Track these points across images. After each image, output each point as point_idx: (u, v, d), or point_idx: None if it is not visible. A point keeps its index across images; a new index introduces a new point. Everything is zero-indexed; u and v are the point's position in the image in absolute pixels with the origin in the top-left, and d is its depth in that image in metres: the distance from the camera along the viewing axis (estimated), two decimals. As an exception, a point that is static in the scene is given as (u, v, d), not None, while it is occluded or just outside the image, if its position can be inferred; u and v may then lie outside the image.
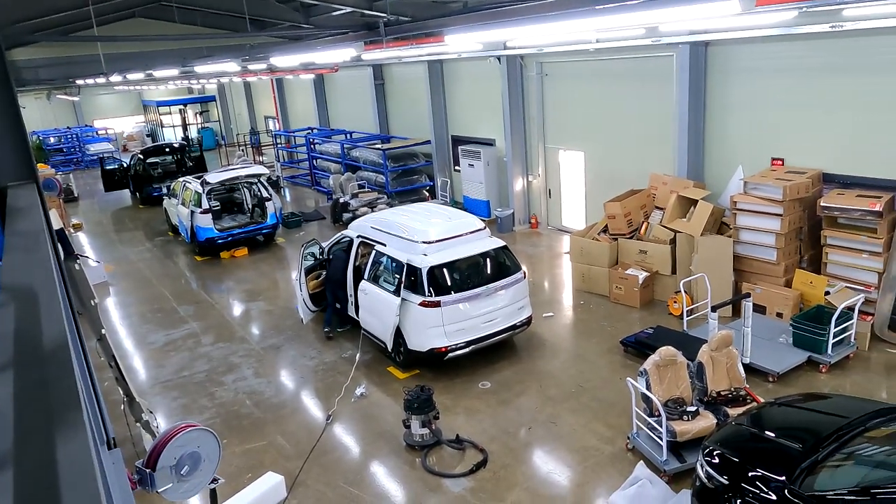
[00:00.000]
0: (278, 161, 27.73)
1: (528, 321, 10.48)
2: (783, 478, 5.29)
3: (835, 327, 9.06)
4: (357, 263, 11.21)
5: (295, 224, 19.71)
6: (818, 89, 10.64)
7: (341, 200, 19.54)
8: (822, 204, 10.19)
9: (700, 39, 11.69)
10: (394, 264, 10.04)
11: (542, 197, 17.39)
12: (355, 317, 11.12)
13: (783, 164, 11.39)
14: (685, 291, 10.71)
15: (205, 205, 16.68)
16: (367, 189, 20.53)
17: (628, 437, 7.85)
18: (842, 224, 10.24)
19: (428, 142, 20.60)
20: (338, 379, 10.20)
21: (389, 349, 10.18)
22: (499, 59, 16.36)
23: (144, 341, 12.27)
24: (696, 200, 11.65)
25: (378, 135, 23.44)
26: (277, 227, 18.16)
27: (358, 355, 10.76)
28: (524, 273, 10.46)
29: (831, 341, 9.11)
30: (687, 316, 10.38)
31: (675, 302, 11.29)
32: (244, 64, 16.64)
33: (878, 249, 9.81)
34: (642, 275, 11.85)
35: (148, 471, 3.44)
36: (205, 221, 16.69)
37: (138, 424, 8.10)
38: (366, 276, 10.63)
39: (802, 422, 6.32)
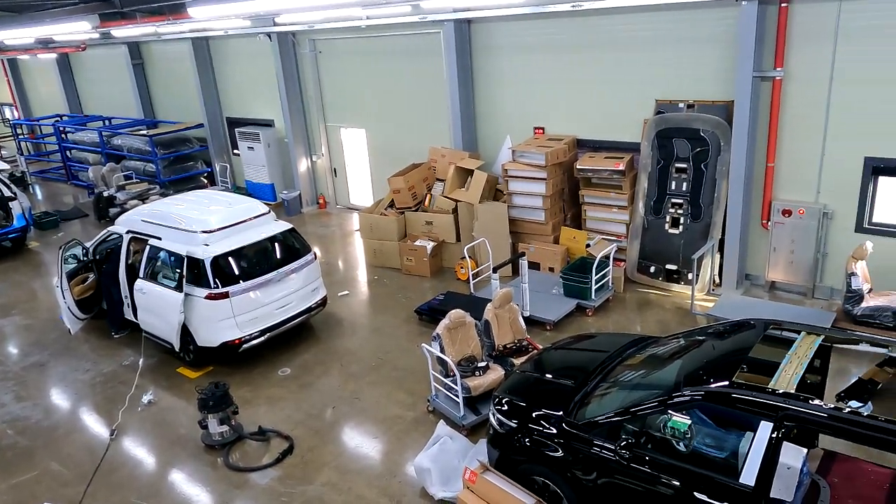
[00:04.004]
0: (21, 154, 24.17)
1: (324, 302, 10.43)
2: (560, 413, 5.93)
3: (596, 275, 10.26)
4: (130, 261, 10.26)
5: (51, 225, 17.42)
6: (568, 64, 11.79)
7: (105, 194, 17.63)
8: (577, 167, 11.40)
9: (462, 17, 12.31)
10: (172, 258, 9.35)
11: (327, 176, 17.26)
12: (134, 319, 10.21)
13: (544, 133, 12.52)
14: (469, 256, 11.40)
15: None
16: (135, 180, 18.74)
17: (428, 400, 8.23)
18: (595, 183, 11.55)
19: (200, 125, 19.30)
20: (120, 389, 9.33)
21: (177, 349, 9.51)
22: (269, 36, 15.76)
23: None
24: (472, 170, 12.37)
25: (142, 120, 21.44)
26: (28, 229, 15.85)
27: (141, 360, 9.91)
28: (315, 254, 10.35)
29: (594, 288, 10.31)
30: (473, 279, 11.06)
31: (461, 267, 11.96)
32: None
33: (625, 204, 11.25)
34: (430, 245, 12.35)
35: None
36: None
37: None
38: (141, 275, 9.77)
39: (574, 361, 7.10)
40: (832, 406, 4.64)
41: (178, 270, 9.16)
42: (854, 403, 4.71)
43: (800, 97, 9.52)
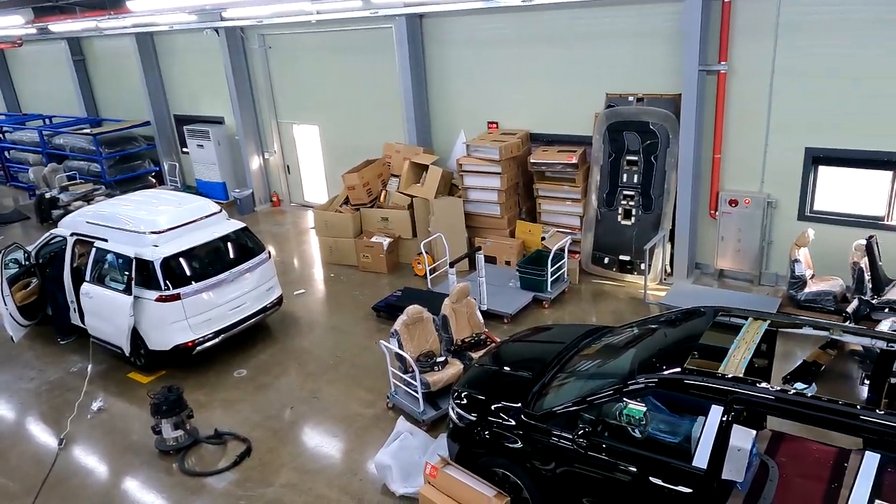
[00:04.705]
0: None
1: (279, 301, 10.29)
2: (519, 404, 5.99)
3: (551, 267, 10.38)
4: (75, 265, 9.93)
5: (-11, 229, 16.72)
6: (520, 58, 11.87)
7: (48, 195, 17.02)
8: (531, 161, 11.51)
9: (414, 11, 12.26)
10: (120, 260, 9.08)
11: (281, 174, 17.01)
12: (81, 324, 9.89)
13: (498, 127, 12.58)
14: (426, 252, 11.39)
15: None
16: (79, 180, 18.12)
17: (387, 397, 8.20)
18: (549, 177, 11.67)
19: (147, 123, 18.78)
20: (68, 397, 9.03)
21: (128, 354, 9.25)
22: (216, 31, 15.41)
23: None
24: (427, 166, 12.35)
25: (85, 118, 20.73)
26: (-36, 234, 15.21)
27: (90, 367, 9.62)
28: (269, 253, 10.19)
29: (550, 280, 10.43)
30: (430, 274, 11.06)
31: (418, 263, 11.95)
32: None
33: (578, 196, 11.40)
34: (386, 241, 12.30)
35: None
36: None
37: None
38: (87, 278, 9.46)
39: (531, 353, 7.17)
40: (779, 388, 4.79)
41: (126, 273, 8.91)
42: (799, 385, 4.88)
43: (743, 90, 9.80)
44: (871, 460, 4.28)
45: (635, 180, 10.78)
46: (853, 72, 8.90)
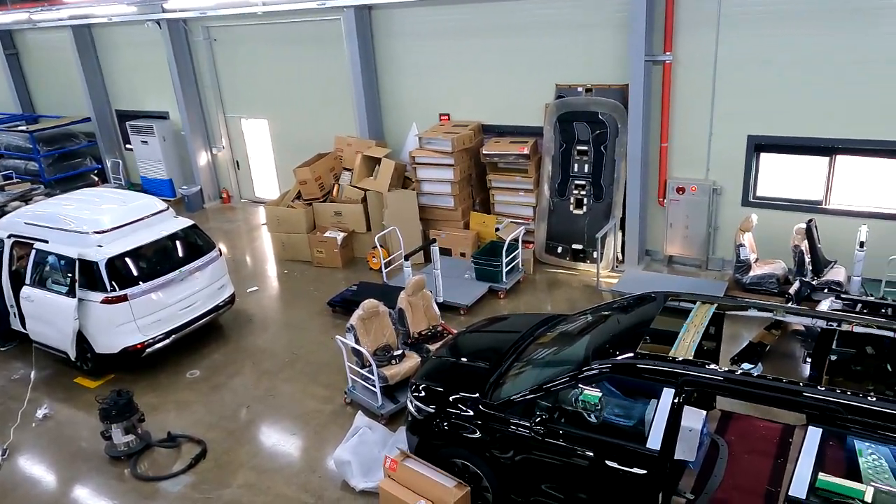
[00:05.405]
0: None
1: (232, 299, 10.10)
2: (476, 395, 6.02)
3: (506, 258, 10.46)
4: (14, 268, 9.53)
5: (-81, 232, 15.87)
6: (471, 49, 11.87)
7: (-18, 196, 16.25)
8: (483, 152, 11.55)
9: (363, 3, 12.12)
10: (62, 262, 8.76)
11: (230, 169, 16.64)
12: (23, 329, 9.51)
13: (450, 119, 12.58)
14: (381, 245, 11.33)
15: None
16: (15, 180, 17.36)
17: (345, 392, 8.15)
18: (501, 168, 11.74)
19: (87, 119, 18.11)
20: (10, 405, 8.69)
21: (73, 358, 8.94)
22: (158, 23, 14.94)
23: None
24: (380, 159, 12.26)
25: (20, 115, 19.86)
26: None
27: (33, 373, 9.28)
28: (220, 250, 9.98)
29: (505, 270, 10.51)
30: (385, 268, 11.01)
31: (373, 257, 11.88)
32: None
33: (531, 187, 11.50)
34: (340, 235, 12.19)
35: None
36: None
37: None
38: (28, 281, 9.10)
39: (488, 343, 7.21)
40: (726, 369, 4.95)
41: (69, 275, 8.60)
42: (746, 365, 5.05)
43: (688, 79, 10.03)
44: (814, 435, 4.46)
45: (586, 170, 10.94)
46: (791, 61, 9.21)
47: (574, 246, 11.26)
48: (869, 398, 4.39)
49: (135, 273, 8.76)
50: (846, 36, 8.77)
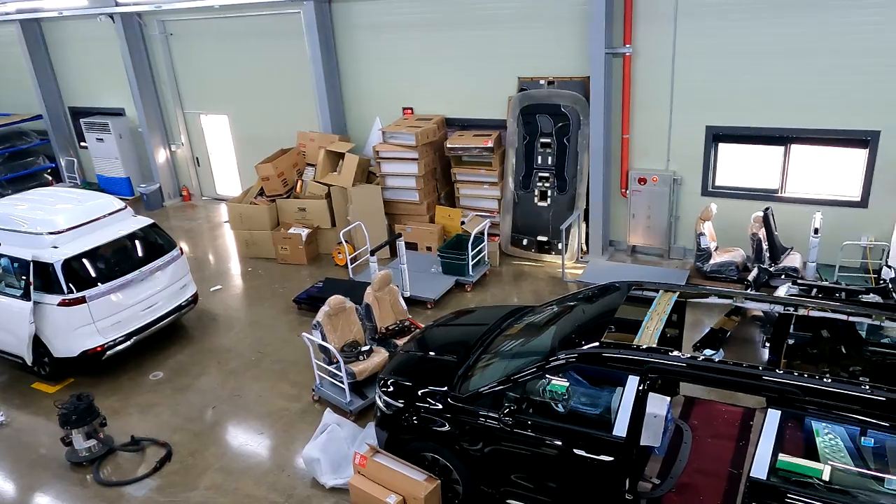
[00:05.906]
0: None
1: (195, 299, 9.92)
2: (445, 388, 6.03)
3: (472, 251, 10.48)
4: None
5: None
6: (432, 42, 11.83)
7: (-71, 198, 15.64)
8: (447, 145, 11.54)
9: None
10: (15, 264, 8.49)
11: (190, 167, 16.32)
12: (-25, 335, 9.19)
13: (413, 113, 12.53)
14: (346, 241, 11.26)
15: None
16: (-36, 180, 16.78)
17: (313, 390, 8.08)
18: (465, 161, 11.75)
19: (39, 117, 17.56)
20: (-36, 414, 8.41)
21: (30, 363, 8.69)
22: (111, 17, 14.54)
23: None
24: (344, 154, 12.16)
25: (-33, 113, 19.16)
26: None
27: (-12, 380, 8.98)
28: (181, 249, 9.79)
29: (471, 264, 10.54)
30: (351, 264, 10.94)
31: (338, 253, 11.79)
32: None
33: (495, 180, 11.55)
34: (305, 232, 12.06)
35: None
36: None
37: None
38: (-21, 285, 8.81)
39: (455, 337, 7.22)
40: (689, 356, 5.05)
41: (23, 277, 8.34)
42: (708, 352, 5.14)
43: (648, 72, 10.17)
44: (774, 417, 4.58)
45: (549, 162, 11.02)
46: (747, 53, 9.40)
47: (539, 238, 11.35)
48: (825, 380, 4.53)
49: (93, 274, 8.55)
50: (799, 28, 8.99)
